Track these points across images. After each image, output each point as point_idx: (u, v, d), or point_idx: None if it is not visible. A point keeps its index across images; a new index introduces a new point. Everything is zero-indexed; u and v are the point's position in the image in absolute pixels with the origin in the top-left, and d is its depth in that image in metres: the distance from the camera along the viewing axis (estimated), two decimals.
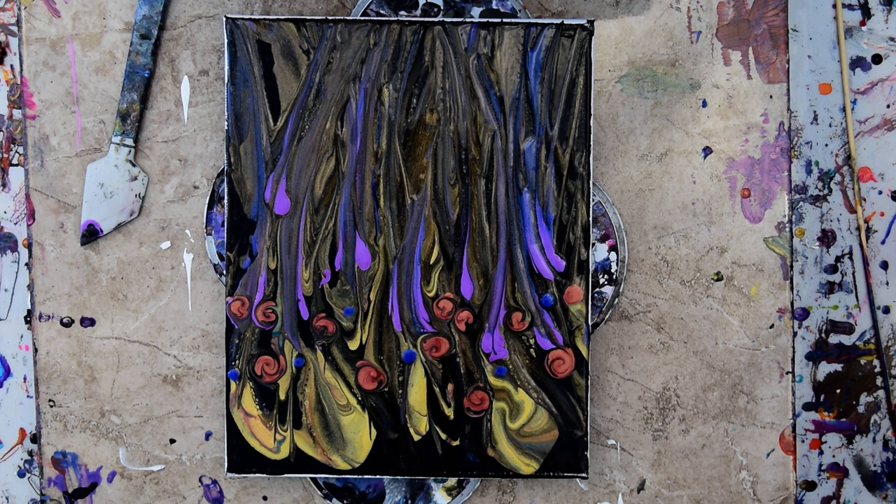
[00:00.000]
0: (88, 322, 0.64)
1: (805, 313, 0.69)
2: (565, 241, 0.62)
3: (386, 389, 0.62)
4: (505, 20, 0.61)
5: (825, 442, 0.70)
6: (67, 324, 0.64)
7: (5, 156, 0.69)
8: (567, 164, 0.61)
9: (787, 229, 0.64)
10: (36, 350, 0.64)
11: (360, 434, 0.62)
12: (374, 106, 0.61)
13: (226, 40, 0.61)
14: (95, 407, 0.64)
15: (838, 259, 0.69)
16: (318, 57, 0.61)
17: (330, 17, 0.61)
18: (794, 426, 0.64)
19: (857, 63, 0.68)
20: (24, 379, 0.69)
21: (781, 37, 0.63)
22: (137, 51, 0.63)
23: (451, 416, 0.62)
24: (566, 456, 0.62)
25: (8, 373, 0.69)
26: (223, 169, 0.63)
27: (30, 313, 0.66)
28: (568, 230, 0.62)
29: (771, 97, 0.63)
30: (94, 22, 0.63)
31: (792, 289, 0.64)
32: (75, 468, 0.65)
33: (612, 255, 0.64)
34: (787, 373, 0.64)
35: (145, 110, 0.63)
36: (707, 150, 0.63)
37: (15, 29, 0.68)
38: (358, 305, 0.62)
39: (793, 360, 0.64)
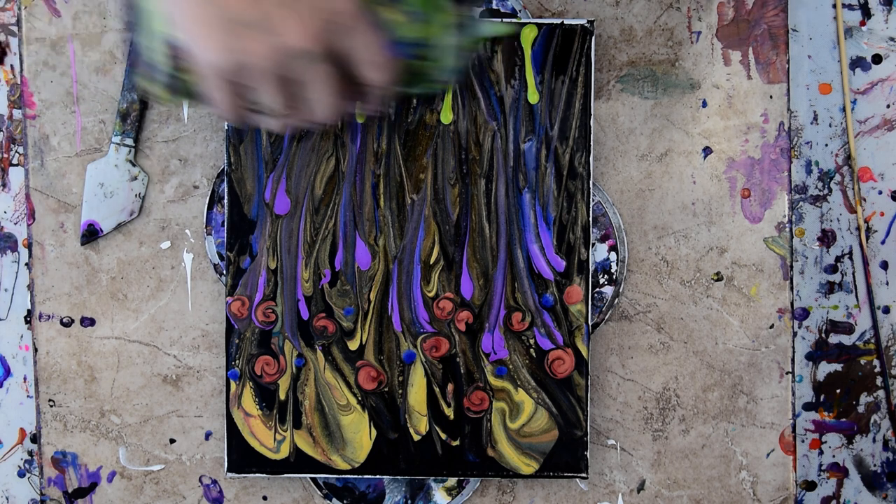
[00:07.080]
0: (88, 322, 0.64)
1: (805, 313, 0.69)
2: (565, 241, 0.62)
3: (386, 389, 0.62)
4: (505, 20, 0.61)
5: (825, 442, 0.70)
6: (67, 324, 0.64)
7: (5, 156, 0.69)
8: (567, 164, 0.61)
9: (787, 229, 0.64)
10: (36, 350, 0.64)
11: (360, 434, 0.62)
12: None
13: None
14: (95, 407, 0.64)
15: (838, 259, 0.69)
16: None
17: None
18: (794, 426, 0.64)
19: (857, 63, 0.68)
20: (24, 379, 0.69)
21: (781, 37, 0.63)
22: None
23: (451, 416, 0.62)
24: (566, 456, 0.62)
25: (8, 373, 0.69)
26: (223, 169, 0.63)
27: (30, 313, 0.66)
28: (568, 230, 0.62)
29: (771, 97, 0.63)
30: (94, 22, 0.63)
31: (792, 289, 0.64)
32: (75, 468, 0.65)
33: (612, 255, 0.64)
34: (787, 373, 0.64)
35: (145, 110, 0.63)
36: (707, 150, 0.63)
37: (15, 29, 0.68)
38: (358, 305, 0.62)
39: (793, 360, 0.64)
